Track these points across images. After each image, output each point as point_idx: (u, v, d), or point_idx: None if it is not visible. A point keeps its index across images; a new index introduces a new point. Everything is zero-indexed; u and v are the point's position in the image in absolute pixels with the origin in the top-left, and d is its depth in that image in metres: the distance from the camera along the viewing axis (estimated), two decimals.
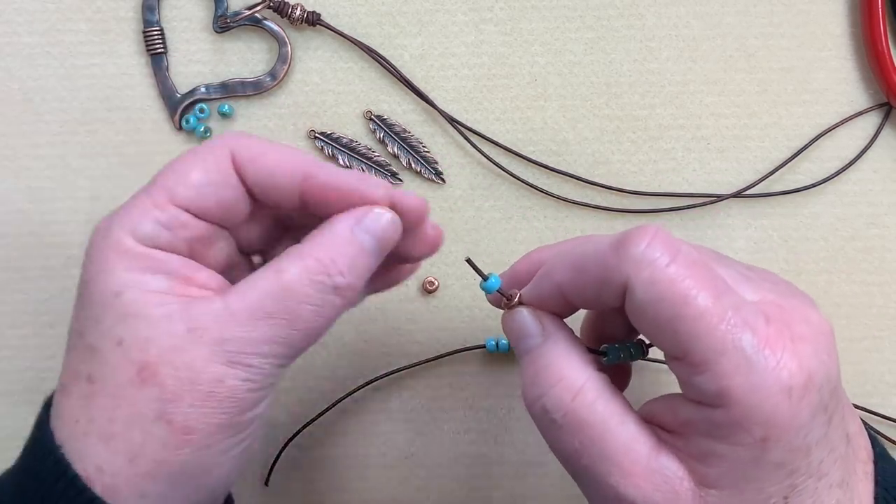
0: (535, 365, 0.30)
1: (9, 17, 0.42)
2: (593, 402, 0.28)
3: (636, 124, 0.44)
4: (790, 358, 0.26)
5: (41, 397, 0.43)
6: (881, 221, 0.44)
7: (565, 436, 0.29)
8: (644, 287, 0.27)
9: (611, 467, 0.28)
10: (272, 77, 0.43)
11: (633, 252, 0.27)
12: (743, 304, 0.27)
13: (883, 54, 0.43)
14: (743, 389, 0.26)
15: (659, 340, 0.28)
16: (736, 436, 0.26)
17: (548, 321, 0.31)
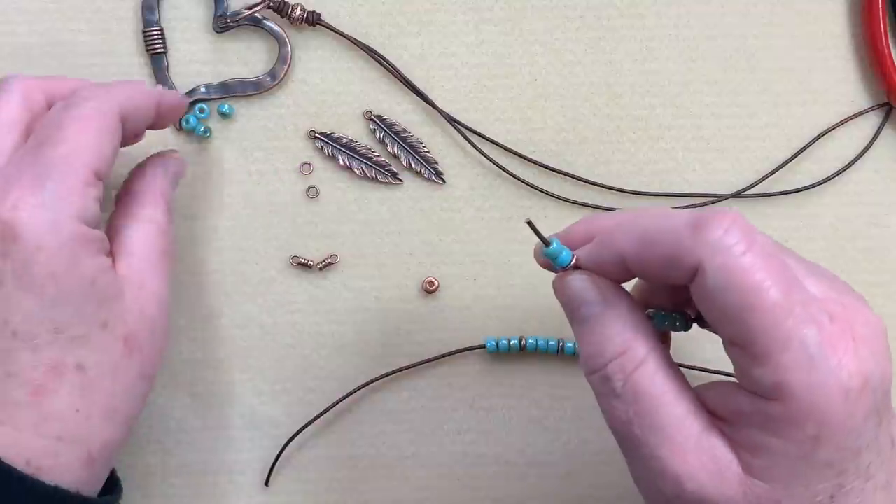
0: (597, 334, 0.29)
1: (9, 17, 0.42)
2: (654, 373, 0.28)
3: (636, 124, 0.44)
4: (851, 359, 0.26)
5: None
6: (882, 221, 0.44)
7: (622, 405, 0.28)
8: (717, 273, 0.26)
9: (662, 439, 0.28)
10: (272, 77, 0.43)
11: (710, 236, 0.27)
12: (811, 301, 0.27)
13: (883, 54, 0.43)
14: (802, 386, 0.26)
15: (724, 326, 0.27)
16: (788, 431, 0.26)
17: (608, 288, 0.30)
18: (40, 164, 0.31)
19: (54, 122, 0.32)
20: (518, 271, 0.43)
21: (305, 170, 0.43)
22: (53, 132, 0.32)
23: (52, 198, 0.30)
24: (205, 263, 0.43)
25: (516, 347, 0.42)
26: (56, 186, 0.31)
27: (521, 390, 0.43)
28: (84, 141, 0.32)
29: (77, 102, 0.33)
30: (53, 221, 0.30)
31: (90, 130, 0.32)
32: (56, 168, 0.31)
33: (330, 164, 0.43)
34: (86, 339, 0.31)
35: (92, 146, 0.32)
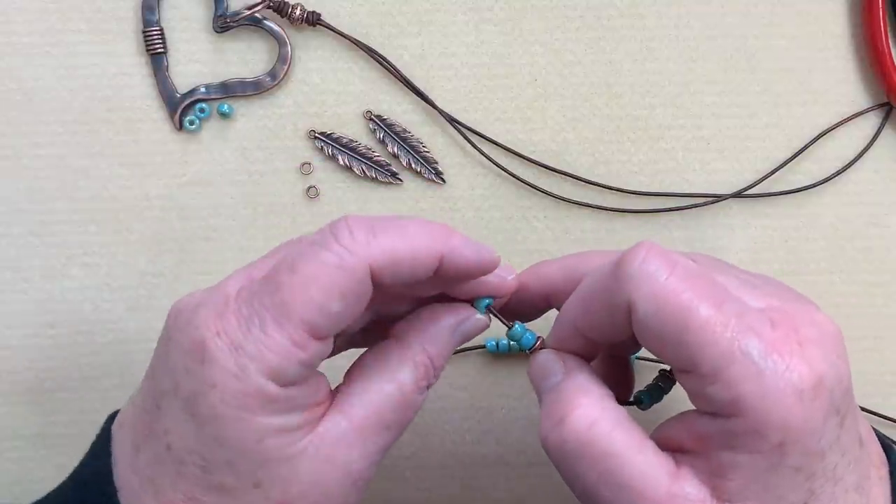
0: (554, 399, 0.30)
1: (9, 17, 0.42)
2: (610, 431, 0.28)
3: (636, 124, 0.44)
4: (799, 361, 0.26)
5: (41, 397, 0.43)
6: (882, 221, 0.44)
7: (582, 468, 0.28)
8: (645, 302, 0.27)
9: (632, 497, 0.27)
10: (272, 77, 0.43)
11: (629, 270, 0.27)
12: (747, 311, 0.27)
13: (883, 54, 0.43)
14: (755, 395, 0.26)
15: (667, 355, 0.27)
16: (753, 443, 0.26)
17: (570, 360, 0.31)
18: (260, 304, 0.27)
19: (289, 261, 0.28)
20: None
21: (305, 170, 0.43)
22: (283, 273, 0.28)
23: (250, 344, 0.27)
24: (205, 263, 0.43)
25: (516, 347, 0.42)
26: (260, 336, 0.27)
27: (521, 390, 0.43)
28: (309, 296, 0.27)
29: (323, 243, 0.28)
30: (241, 368, 0.27)
31: (321, 286, 0.27)
32: (268, 315, 0.27)
33: (330, 164, 0.43)
34: (232, 491, 0.28)
35: (317, 303, 0.27)
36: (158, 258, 0.43)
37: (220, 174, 0.43)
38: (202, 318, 0.28)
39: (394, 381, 0.30)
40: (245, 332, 0.27)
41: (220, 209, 0.43)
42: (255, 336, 0.27)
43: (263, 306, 0.27)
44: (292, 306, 0.27)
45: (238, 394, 0.27)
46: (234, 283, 0.29)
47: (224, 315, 0.27)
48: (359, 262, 0.27)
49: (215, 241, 0.43)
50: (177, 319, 0.29)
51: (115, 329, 0.43)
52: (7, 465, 0.43)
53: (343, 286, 0.27)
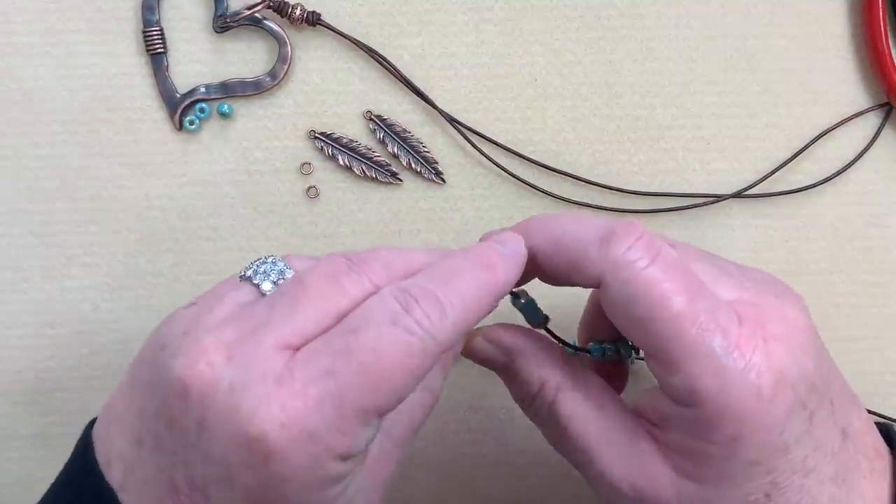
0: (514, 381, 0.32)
1: (9, 17, 0.42)
2: (571, 399, 0.30)
3: (636, 124, 0.44)
4: (761, 358, 0.27)
5: (41, 397, 0.43)
6: (882, 221, 0.44)
7: (551, 431, 0.31)
8: (619, 287, 0.28)
9: (595, 455, 0.30)
10: (272, 77, 0.43)
11: (614, 252, 0.28)
12: (718, 307, 0.27)
13: (883, 54, 0.43)
14: (713, 390, 0.26)
15: (631, 335, 0.29)
16: (708, 434, 0.27)
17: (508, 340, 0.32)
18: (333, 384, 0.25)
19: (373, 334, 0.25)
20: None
21: (305, 170, 0.43)
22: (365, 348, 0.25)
23: (324, 433, 0.25)
24: (205, 263, 0.43)
25: None
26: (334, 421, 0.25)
27: None
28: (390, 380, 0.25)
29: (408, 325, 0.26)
30: (312, 458, 0.25)
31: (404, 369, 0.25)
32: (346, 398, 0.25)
33: (330, 164, 0.43)
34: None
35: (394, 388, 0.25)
36: (158, 258, 0.43)
37: (220, 174, 0.43)
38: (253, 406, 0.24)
39: (428, 389, 0.30)
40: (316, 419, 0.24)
41: (220, 209, 0.43)
42: (328, 421, 0.25)
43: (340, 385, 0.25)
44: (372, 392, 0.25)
45: (313, 481, 0.25)
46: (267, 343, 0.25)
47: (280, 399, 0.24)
48: (438, 348, 0.26)
49: (215, 241, 0.43)
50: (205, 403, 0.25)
51: (115, 329, 0.43)
52: (7, 465, 0.43)
53: (423, 372, 0.26)
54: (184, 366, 0.25)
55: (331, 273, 0.27)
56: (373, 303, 0.26)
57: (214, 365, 0.25)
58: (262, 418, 0.24)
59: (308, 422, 0.24)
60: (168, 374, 0.26)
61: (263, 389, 0.24)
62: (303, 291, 0.27)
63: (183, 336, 0.27)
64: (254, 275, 0.29)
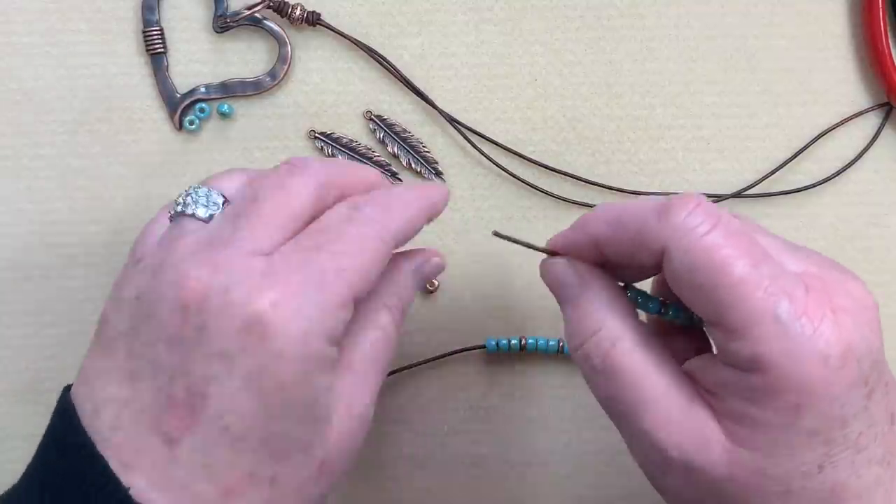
0: (576, 313, 0.31)
1: (9, 17, 0.42)
2: (630, 350, 0.29)
3: (636, 124, 0.44)
4: (828, 327, 0.26)
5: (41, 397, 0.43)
6: (882, 221, 0.44)
7: (603, 382, 0.30)
8: (682, 254, 0.27)
9: (644, 413, 0.29)
10: (272, 77, 0.43)
11: (673, 219, 0.28)
12: (782, 274, 0.27)
13: (883, 54, 0.43)
14: (778, 356, 0.26)
15: (696, 306, 0.28)
16: (769, 401, 0.27)
17: (585, 271, 0.31)
18: (311, 270, 0.29)
19: (335, 232, 0.30)
20: (518, 271, 0.43)
21: None
22: (332, 242, 0.30)
23: (312, 310, 0.28)
24: None
25: (516, 347, 0.42)
26: (320, 299, 0.28)
27: (521, 390, 0.43)
28: (358, 263, 0.30)
29: (362, 220, 0.31)
30: (304, 332, 0.28)
31: (366, 254, 0.30)
32: (325, 281, 0.29)
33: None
34: (287, 456, 0.29)
35: (362, 271, 0.30)
36: None
37: None
38: (244, 297, 0.28)
39: (378, 327, 0.32)
40: (303, 298, 0.28)
41: None
42: (314, 300, 0.28)
43: (317, 275, 0.29)
44: (347, 272, 0.29)
45: (303, 359, 0.28)
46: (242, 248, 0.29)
47: (270, 287, 0.28)
48: (390, 237, 0.31)
49: None
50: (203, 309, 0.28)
51: None
52: (7, 465, 0.43)
53: (383, 256, 0.31)
54: (175, 289, 0.28)
55: (278, 182, 0.31)
56: (329, 213, 0.31)
57: (202, 278, 0.28)
58: (256, 303, 0.27)
59: (296, 301, 0.28)
60: (160, 303, 0.28)
61: (253, 282, 0.28)
62: (259, 205, 0.30)
63: (157, 274, 0.29)
64: (185, 207, 0.31)
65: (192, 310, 0.28)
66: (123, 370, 0.29)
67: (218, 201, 0.31)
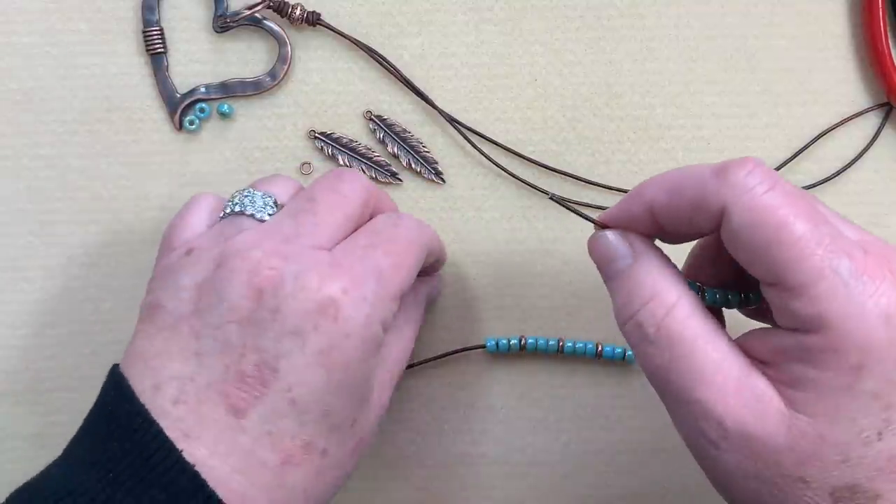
0: (628, 284, 0.30)
1: (9, 17, 0.42)
2: (686, 318, 0.29)
3: (636, 124, 0.44)
4: (890, 287, 0.26)
5: (41, 397, 0.43)
6: (882, 221, 0.44)
7: (656, 350, 0.29)
8: (742, 212, 0.27)
9: (699, 383, 0.28)
10: (272, 77, 0.43)
11: (733, 178, 0.28)
12: (841, 235, 0.27)
13: (883, 54, 0.43)
14: (839, 314, 0.26)
15: (755, 266, 0.28)
16: (831, 361, 0.26)
17: (637, 241, 0.31)
18: (371, 265, 0.32)
19: (387, 233, 0.34)
20: (518, 271, 0.43)
21: (305, 170, 0.43)
22: (385, 242, 0.34)
23: (373, 297, 0.32)
24: None
25: (516, 347, 0.42)
26: (378, 290, 0.32)
27: (521, 390, 0.43)
28: (406, 261, 0.34)
29: (407, 224, 0.35)
30: (368, 317, 0.31)
31: (412, 254, 0.34)
32: (382, 274, 0.32)
33: (330, 164, 0.43)
34: (339, 430, 0.32)
35: (408, 268, 0.34)
36: None
37: (220, 174, 0.43)
38: (317, 282, 0.31)
39: (404, 337, 0.38)
40: (365, 287, 0.32)
41: None
42: (375, 293, 0.32)
43: (376, 269, 0.32)
44: (400, 269, 0.33)
45: (364, 340, 0.31)
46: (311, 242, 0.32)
47: (338, 276, 0.31)
48: (428, 242, 0.36)
49: None
50: (278, 293, 0.31)
51: (115, 329, 0.43)
52: (7, 465, 0.43)
53: (420, 261, 0.35)
54: (249, 276, 0.31)
55: (331, 186, 0.34)
56: (378, 218, 0.35)
57: (276, 267, 0.31)
58: (327, 288, 0.31)
59: (361, 289, 0.31)
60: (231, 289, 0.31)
61: (322, 270, 0.31)
62: (317, 205, 0.33)
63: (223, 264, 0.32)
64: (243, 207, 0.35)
65: (267, 295, 0.31)
66: (188, 349, 0.31)
67: (271, 203, 0.35)
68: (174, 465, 0.29)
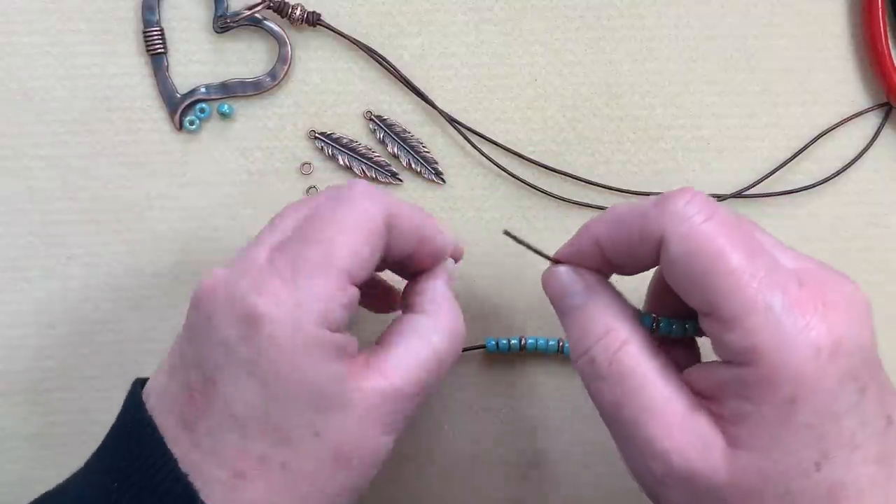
0: (582, 320, 0.31)
1: (9, 17, 0.42)
2: (637, 353, 0.29)
3: (636, 124, 0.44)
4: (820, 320, 0.26)
5: (41, 397, 0.43)
6: (882, 221, 0.44)
7: (608, 386, 0.30)
8: (679, 241, 0.28)
9: (649, 419, 0.29)
10: (272, 77, 0.43)
11: (671, 208, 0.28)
12: (777, 267, 0.27)
13: (883, 54, 0.43)
14: (770, 346, 0.26)
15: (691, 296, 0.28)
16: (764, 395, 0.27)
17: (590, 277, 0.32)
18: (298, 259, 0.30)
19: (319, 218, 0.31)
20: (518, 271, 0.43)
21: (305, 170, 0.43)
22: (316, 229, 0.31)
23: (300, 296, 0.29)
24: (205, 263, 0.43)
25: (516, 347, 0.42)
26: (307, 285, 0.30)
27: (521, 390, 0.43)
28: (343, 241, 0.30)
29: (347, 198, 0.32)
30: (294, 320, 0.29)
31: (351, 231, 0.31)
32: (311, 267, 0.30)
33: (330, 164, 0.43)
34: (296, 442, 0.30)
35: (350, 248, 0.30)
36: (158, 258, 0.43)
37: (220, 174, 0.43)
38: (244, 290, 0.29)
39: (429, 346, 0.32)
40: (293, 289, 0.29)
41: (220, 209, 0.43)
42: (303, 288, 0.29)
43: (304, 260, 0.30)
44: (332, 254, 0.30)
45: (295, 346, 0.29)
46: (258, 252, 0.31)
47: (265, 280, 0.30)
48: (379, 211, 0.31)
49: (215, 241, 0.43)
50: (211, 300, 0.30)
51: (115, 329, 0.43)
52: (7, 465, 0.43)
53: (370, 231, 0.31)
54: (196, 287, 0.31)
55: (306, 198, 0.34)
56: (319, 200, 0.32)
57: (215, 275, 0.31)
58: (250, 296, 0.29)
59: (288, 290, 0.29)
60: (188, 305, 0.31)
61: (254, 275, 0.30)
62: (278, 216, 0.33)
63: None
64: None
65: (202, 302, 0.30)
66: (168, 363, 0.32)
67: None
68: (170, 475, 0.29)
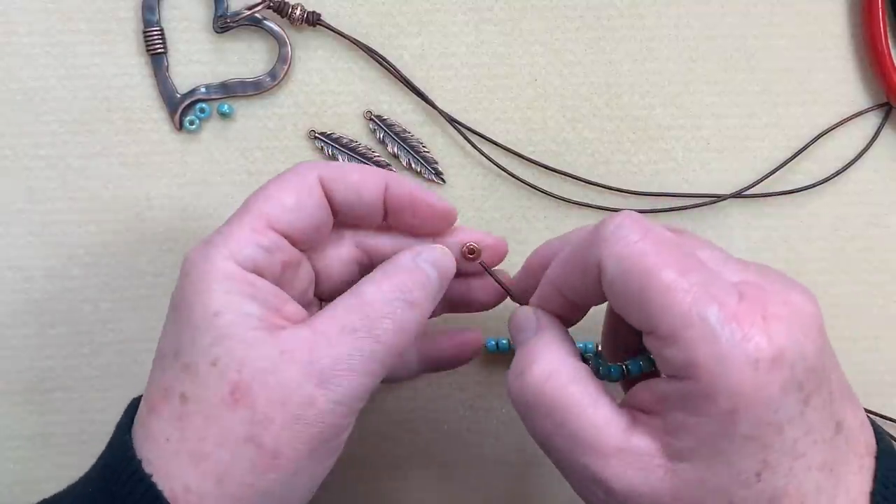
0: (521, 352, 0.32)
1: (9, 17, 0.42)
2: (565, 385, 0.30)
3: (636, 124, 0.44)
4: (758, 332, 0.27)
5: (41, 397, 0.43)
6: (881, 221, 0.44)
7: (539, 417, 0.30)
8: (614, 262, 0.28)
9: (582, 448, 0.29)
10: (272, 77, 0.43)
11: (605, 231, 0.29)
12: (715, 281, 0.28)
13: (883, 54, 0.43)
14: (708, 360, 0.27)
15: (631, 315, 0.29)
16: (704, 407, 0.27)
17: (543, 317, 0.33)
18: (238, 212, 0.32)
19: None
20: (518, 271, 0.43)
21: None
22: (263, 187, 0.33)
23: (214, 238, 0.31)
24: None
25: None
26: (226, 227, 0.32)
27: None
28: (265, 194, 0.32)
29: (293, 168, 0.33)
30: (204, 255, 0.31)
31: (275, 184, 0.33)
32: (233, 217, 0.32)
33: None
34: (194, 370, 0.30)
35: (274, 197, 0.32)
36: (158, 258, 0.43)
37: (220, 174, 0.43)
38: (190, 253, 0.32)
39: (353, 293, 0.32)
40: (214, 234, 0.31)
41: (220, 209, 0.43)
42: (221, 233, 0.31)
43: (233, 216, 0.32)
44: (252, 203, 0.32)
45: (200, 274, 0.30)
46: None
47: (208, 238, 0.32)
48: (309, 170, 0.33)
49: None
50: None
51: (115, 329, 0.43)
52: (7, 465, 0.43)
53: (296, 186, 0.32)
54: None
55: None
56: None
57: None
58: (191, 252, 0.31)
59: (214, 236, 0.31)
60: None
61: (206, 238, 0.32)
62: None
63: None
64: None
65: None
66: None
67: None
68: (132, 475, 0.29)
